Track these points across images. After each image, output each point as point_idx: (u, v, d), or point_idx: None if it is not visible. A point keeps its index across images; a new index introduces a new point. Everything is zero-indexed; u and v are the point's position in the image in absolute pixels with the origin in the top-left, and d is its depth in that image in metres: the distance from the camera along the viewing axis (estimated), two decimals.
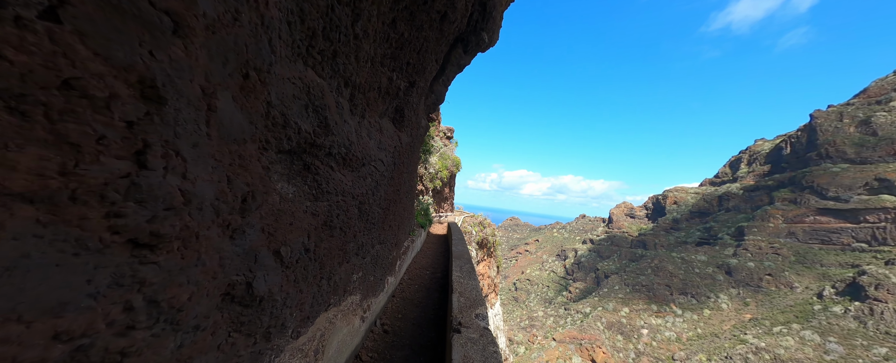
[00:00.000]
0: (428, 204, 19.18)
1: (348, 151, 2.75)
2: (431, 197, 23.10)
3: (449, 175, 27.66)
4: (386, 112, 3.62)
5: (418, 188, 17.99)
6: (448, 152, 27.77)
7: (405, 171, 4.95)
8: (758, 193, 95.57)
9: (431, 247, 15.55)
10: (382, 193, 3.89)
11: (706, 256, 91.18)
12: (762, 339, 62.84)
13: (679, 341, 74.42)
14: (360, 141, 3.07)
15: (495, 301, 33.72)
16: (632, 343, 77.55)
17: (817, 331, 59.73)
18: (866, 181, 73.33)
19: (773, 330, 64.37)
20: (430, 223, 18.91)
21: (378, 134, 3.43)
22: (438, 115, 29.30)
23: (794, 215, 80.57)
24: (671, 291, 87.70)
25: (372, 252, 4.36)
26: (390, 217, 4.87)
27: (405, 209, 6.78)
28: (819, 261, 73.50)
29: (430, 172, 22.17)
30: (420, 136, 5.75)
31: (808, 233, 77.81)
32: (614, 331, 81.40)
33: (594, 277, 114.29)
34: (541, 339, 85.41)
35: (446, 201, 33.01)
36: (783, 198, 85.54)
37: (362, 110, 3.10)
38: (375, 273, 4.88)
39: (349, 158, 2.87)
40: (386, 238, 5.09)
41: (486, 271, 28.20)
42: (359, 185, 3.19)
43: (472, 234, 24.57)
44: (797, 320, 63.98)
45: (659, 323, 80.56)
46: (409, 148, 5.00)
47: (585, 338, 79.77)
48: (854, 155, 78.85)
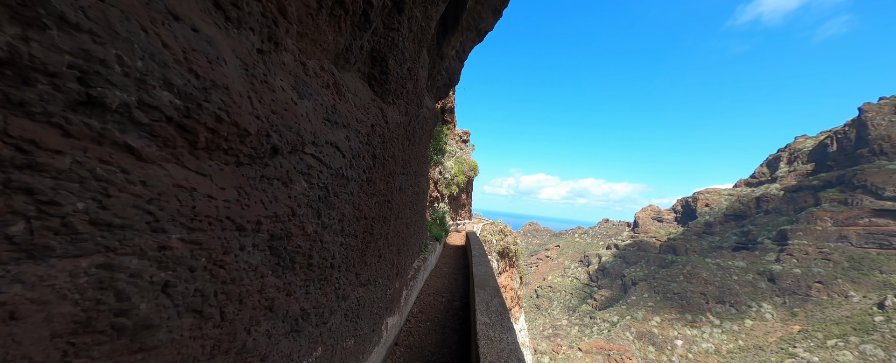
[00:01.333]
0: (443, 212, 17.86)
1: (227, 118, 1.00)
2: (447, 204, 21.65)
3: (466, 180, 26.16)
4: (348, 57, 1.85)
5: (432, 194, 16.51)
6: (464, 156, 26.42)
7: (401, 169, 3.02)
8: (801, 194, 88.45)
9: (448, 261, 13.88)
10: (350, 208, 2.08)
11: (745, 262, 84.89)
12: (815, 353, 57.09)
13: (718, 354, 68.96)
14: (269, 97, 1.30)
15: (520, 315, 32.11)
16: (665, 355, 72.62)
17: (880, 345, 53.63)
18: None
19: (826, 343, 58.43)
20: (447, 233, 17.42)
21: (327, 94, 1.64)
22: (453, 118, 27.70)
23: (845, 217, 73.68)
24: (707, 300, 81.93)
25: (346, 305, 2.57)
26: (379, 243, 3.08)
27: (411, 224, 4.96)
28: (878, 268, 66.61)
29: (446, 178, 20.90)
30: (425, 120, 3.60)
31: (862, 236, 70.85)
32: (645, 342, 76.63)
33: (621, 284, 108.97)
34: (565, 349, 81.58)
35: (463, 208, 31.18)
36: (831, 199, 78.58)
37: (275, 37, 1.33)
38: (360, 328, 3.08)
39: (230, 137, 1.12)
40: (377, 274, 3.31)
41: (508, 283, 26.61)
42: (278, 197, 1.42)
43: (493, 244, 23.11)
44: (855, 333, 57.81)
45: (694, 334, 75.16)
46: (404, 132, 3.06)
47: (614, 349, 75.43)
48: None
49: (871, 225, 70.14)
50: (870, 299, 63.00)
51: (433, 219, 15.99)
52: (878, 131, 78.90)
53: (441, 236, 13.94)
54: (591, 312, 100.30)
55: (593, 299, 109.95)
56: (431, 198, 17.14)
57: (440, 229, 15.37)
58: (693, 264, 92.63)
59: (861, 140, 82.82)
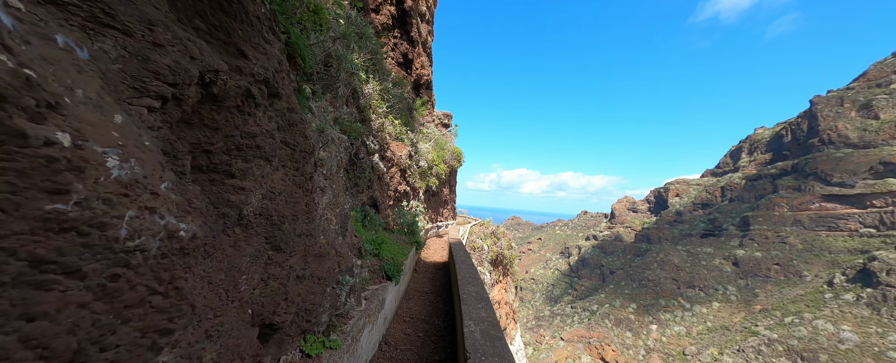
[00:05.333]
0: (416, 213, 13.37)
1: None
2: (423, 201, 16.61)
3: (448, 171, 21.83)
4: None
5: (398, 188, 12.26)
6: (446, 141, 22.08)
7: None
8: (760, 182, 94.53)
9: (425, 288, 9.07)
10: None
11: (712, 248, 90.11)
12: (774, 331, 61.75)
13: (689, 335, 73.31)
14: None
15: (515, 332, 28.37)
16: (641, 339, 76.46)
17: (830, 320, 58.65)
18: (871, 165, 72.30)
19: (784, 320, 63.29)
20: (421, 245, 12.40)
21: None
22: (431, 95, 24.07)
23: (798, 203, 79.52)
24: (678, 285, 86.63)
25: None
26: None
27: None
28: (827, 249, 72.44)
29: (421, 166, 15.98)
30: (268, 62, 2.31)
31: (814, 220, 76.75)
32: (623, 328, 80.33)
33: (599, 274, 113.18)
34: (549, 339, 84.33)
35: (446, 205, 25.94)
36: (787, 186, 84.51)
37: None
38: None
39: None
40: None
41: (502, 296, 22.79)
42: None
43: (484, 251, 19.48)
44: (809, 310, 62.90)
45: (668, 317, 79.45)
46: None
47: (594, 337, 78.64)
48: (857, 139, 77.85)
49: (822, 209, 76.05)
50: (820, 278, 68.56)
51: (398, 224, 10.97)
52: (826, 122, 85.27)
53: (407, 255, 8.42)
54: (572, 302, 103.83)
55: (574, 289, 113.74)
56: (398, 193, 12.30)
57: (408, 242, 10.09)
58: (665, 252, 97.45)
59: (812, 130, 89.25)
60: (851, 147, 78.03)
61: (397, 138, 13.54)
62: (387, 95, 13.12)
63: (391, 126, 12.62)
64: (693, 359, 65.60)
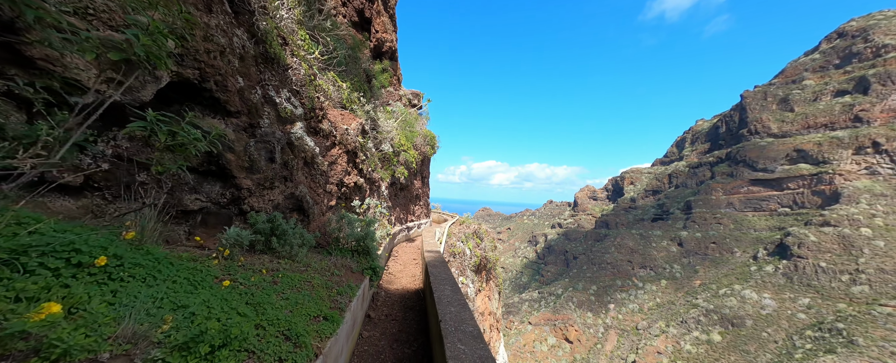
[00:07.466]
0: (374, 217, 7.74)
1: None
2: (387, 198, 12.08)
3: (420, 159, 18.01)
4: None
5: (349, 181, 8.10)
6: (416, 123, 18.06)
7: None
8: (701, 169, 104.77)
9: None
10: None
11: (661, 231, 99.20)
12: (711, 302, 70.22)
13: (642, 312, 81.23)
14: None
15: (498, 342, 26.27)
16: (600, 318, 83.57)
17: (754, 289, 67.68)
18: (787, 153, 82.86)
19: (719, 292, 72.02)
20: (379, 272, 6.28)
21: None
22: (397, 69, 18.17)
23: (731, 187, 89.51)
24: (633, 266, 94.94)
25: None
26: None
27: None
28: (753, 227, 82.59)
29: (384, 150, 11.86)
30: None
31: (743, 202, 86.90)
32: (585, 309, 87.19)
33: (564, 259, 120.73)
34: (517, 324, 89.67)
35: (418, 201, 20.53)
36: (722, 173, 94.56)
37: None
38: None
39: None
40: None
41: (485, 305, 20.05)
42: None
43: (466, 256, 16.91)
44: (738, 281, 71.99)
45: (624, 296, 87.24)
46: None
47: (559, 319, 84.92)
48: (777, 129, 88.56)
49: (749, 192, 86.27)
50: (747, 253, 78.35)
51: (342, 240, 6.27)
52: (753, 114, 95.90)
53: (338, 321, 3.28)
54: (539, 288, 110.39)
55: (541, 275, 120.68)
56: (345, 188, 8.06)
57: (356, 269, 5.49)
58: (622, 236, 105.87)
59: (742, 122, 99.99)
60: (772, 137, 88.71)
61: (343, 106, 9.35)
62: (323, 39, 9.22)
63: (331, 86, 8.45)
64: (644, 333, 73.18)
